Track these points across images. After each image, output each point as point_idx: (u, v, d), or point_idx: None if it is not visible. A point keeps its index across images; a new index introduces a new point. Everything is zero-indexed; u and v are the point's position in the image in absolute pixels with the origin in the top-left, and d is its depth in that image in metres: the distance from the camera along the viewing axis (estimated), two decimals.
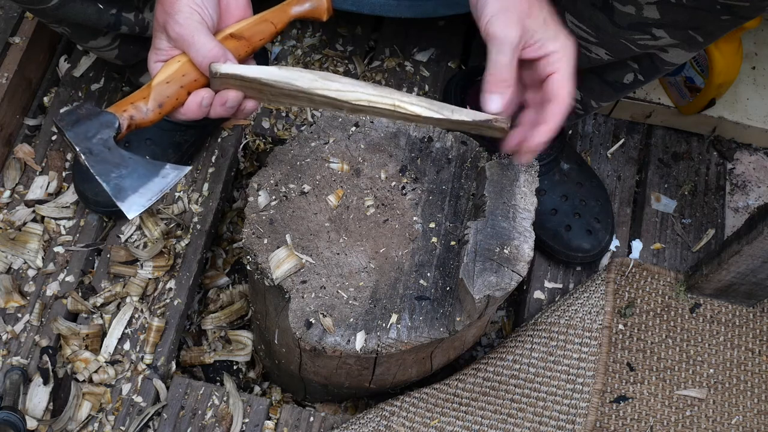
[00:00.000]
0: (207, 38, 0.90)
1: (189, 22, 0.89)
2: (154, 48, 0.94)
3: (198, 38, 0.90)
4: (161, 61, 0.94)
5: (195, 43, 0.90)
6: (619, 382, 1.39)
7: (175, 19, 0.89)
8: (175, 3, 0.89)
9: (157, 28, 0.92)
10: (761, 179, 1.70)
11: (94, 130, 0.90)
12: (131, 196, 0.93)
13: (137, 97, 0.93)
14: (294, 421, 1.36)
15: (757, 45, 1.73)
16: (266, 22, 0.98)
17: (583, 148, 1.67)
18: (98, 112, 0.91)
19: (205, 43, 0.90)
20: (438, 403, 1.30)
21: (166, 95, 0.93)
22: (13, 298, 1.41)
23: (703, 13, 1.00)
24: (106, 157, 0.92)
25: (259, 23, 0.97)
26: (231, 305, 1.55)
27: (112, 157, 0.92)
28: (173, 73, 0.93)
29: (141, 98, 0.92)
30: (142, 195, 0.93)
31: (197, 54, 0.90)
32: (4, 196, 1.50)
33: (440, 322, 1.04)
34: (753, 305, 1.48)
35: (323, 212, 1.10)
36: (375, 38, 1.81)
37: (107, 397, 1.36)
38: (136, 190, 0.94)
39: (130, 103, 0.92)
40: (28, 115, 1.61)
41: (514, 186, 1.06)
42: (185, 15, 0.89)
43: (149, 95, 0.92)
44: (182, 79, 0.93)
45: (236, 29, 0.96)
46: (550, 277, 1.54)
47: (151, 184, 0.95)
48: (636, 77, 1.21)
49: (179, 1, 0.89)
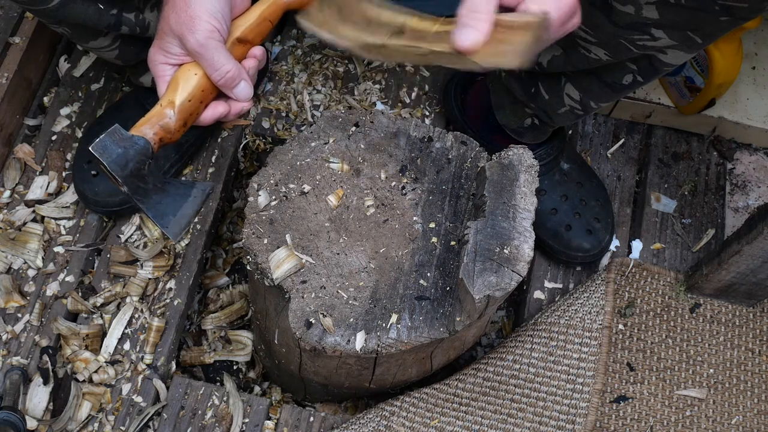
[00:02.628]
0: (226, 58, 0.92)
1: (209, 42, 0.91)
2: (162, 50, 0.94)
3: (217, 58, 0.91)
4: (170, 65, 0.95)
5: (214, 63, 0.92)
6: (619, 382, 1.39)
7: (195, 35, 0.90)
8: (195, 18, 0.90)
9: (167, 31, 0.92)
10: (761, 179, 1.70)
11: (132, 159, 0.92)
12: (172, 219, 0.98)
13: (161, 115, 0.94)
14: (294, 421, 1.36)
15: (757, 45, 1.73)
16: (265, 21, 0.99)
17: (583, 148, 1.67)
18: (131, 138, 0.92)
19: (225, 64, 0.92)
20: (438, 403, 1.30)
21: (189, 113, 0.95)
22: (13, 298, 1.41)
23: (702, 14, 1.00)
24: (146, 185, 0.95)
25: (260, 23, 0.99)
26: (231, 305, 1.55)
27: (150, 184, 0.96)
28: (193, 90, 0.94)
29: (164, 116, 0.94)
30: (182, 218, 0.98)
31: (215, 73, 0.92)
32: (4, 196, 1.50)
33: (440, 322, 1.04)
34: (753, 305, 1.48)
35: (323, 212, 1.10)
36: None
37: (107, 397, 1.36)
38: (175, 213, 0.98)
39: (158, 123, 0.94)
40: (28, 115, 1.61)
41: (514, 186, 1.06)
42: (205, 33, 0.90)
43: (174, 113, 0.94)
44: (201, 94, 0.95)
45: (241, 33, 0.97)
46: (550, 277, 1.54)
47: (186, 205, 0.99)
48: (635, 78, 1.21)
49: (199, 17, 0.90)
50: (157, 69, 0.96)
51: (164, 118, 0.94)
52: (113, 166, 0.91)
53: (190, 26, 0.90)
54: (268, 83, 1.71)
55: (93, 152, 0.91)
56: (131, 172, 0.93)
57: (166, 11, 0.92)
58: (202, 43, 0.90)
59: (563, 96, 1.29)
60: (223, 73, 0.93)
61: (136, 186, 0.94)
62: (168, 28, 0.92)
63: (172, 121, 0.94)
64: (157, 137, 0.94)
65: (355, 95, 1.70)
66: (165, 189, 0.98)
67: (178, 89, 0.94)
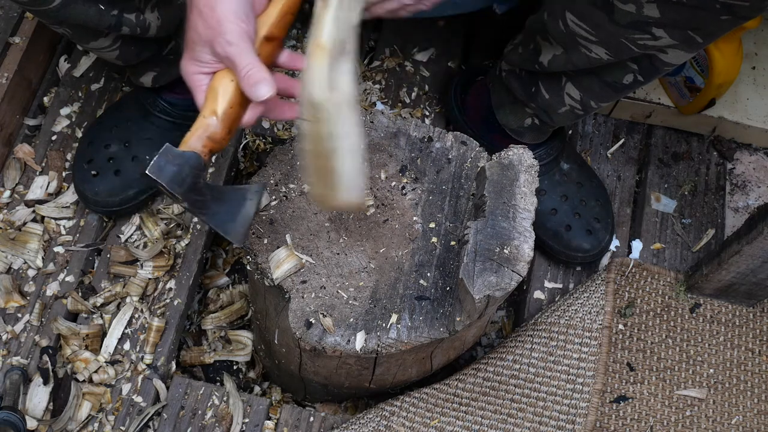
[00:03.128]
0: (255, 61, 0.91)
1: (240, 42, 0.90)
2: (193, 60, 0.93)
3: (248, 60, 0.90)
4: (204, 74, 0.94)
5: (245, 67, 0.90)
6: (619, 382, 1.39)
7: (225, 38, 0.89)
8: (222, 21, 0.89)
9: (196, 40, 0.92)
10: (761, 179, 1.70)
11: (187, 175, 0.92)
12: (232, 226, 0.98)
13: (206, 126, 0.94)
14: (294, 421, 1.36)
15: (757, 45, 1.73)
16: (287, 15, 0.98)
17: (583, 148, 1.67)
18: (183, 155, 0.92)
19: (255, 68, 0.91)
20: (438, 403, 1.30)
21: (232, 119, 0.95)
22: (13, 298, 1.41)
23: (703, 13, 1.00)
24: (204, 197, 0.95)
25: (283, 17, 0.97)
26: (231, 305, 1.55)
27: (207, 196, 0.96)
28: (232, 96, 0.94)
29: (209, 126, 0.94)
30: (241, 223, 0.98)
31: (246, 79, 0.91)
32: (4, 196, 1.50)
33: (440, 322, 1.04)
34: (753, 305, 1.48)
35: (323, 212, 1.10)
36: (375, 38, 1.81)
37: (107, 397, 1.36)
38: (234, 219, 0.98)
39: (205, 135, 0.94)
40: (28, 115, 1.61)
41: (514, 186, 1.06)
42: (235, 34, 0.90)
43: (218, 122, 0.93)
44: (242, 98, 0.94)
45: (267, 31, 0.96)
46: (550, 277, 1.54)
47: (243, 210, 0.99)
48: (635, 78, 1.21)
49: (226, 18, 0.89)
50: (192, 80, 0.95)
51: (210, 128, 0.94)
52: (172, 186, 0.91)
53: (220, 30, 0.89)
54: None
55: (150, 175, 0.90)
56: (189, 188, 0.93)
57: (192, 20, 0.91)
58: (232, 43, 0.90)
59: (564, 95, 1.29)
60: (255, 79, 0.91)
61: (195, 200, 0.94)
62: (197, 36, 0.92)
63: (218, 131, 0.94)
64: (206, 149, 0.94)
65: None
66: (221, 198, 0.99)
67: (218, 98, 0.94)
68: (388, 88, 1.71)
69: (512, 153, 1.09)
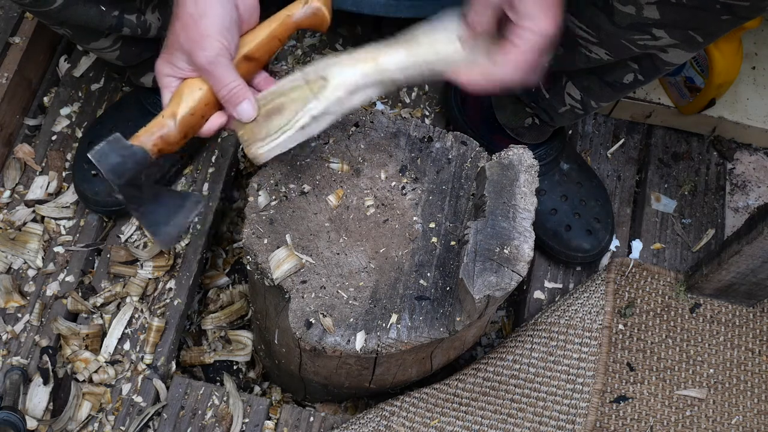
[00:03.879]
0: (233, 75, 0.93)
1: (218, 59, 0.92)
2: (169, 63, 0.95)
3: (225, 75, 0.93)
4: (176, 77, 0.96)
5: (221, 80, 0.93)
6: (619, 382, 1.39)
7: (204, 53, 0.91)
8: (204, 37, 0.91)
9: (176, 47, 0.93)
10: (761, 179, 1.70)
11: (129, 168, 0.93)
12: (163, 228, 0.99)
13: (162, 126, 0.95)
14: (294, 421, 1.36)
15: (757, 45, 1.73)
16: (274, 40, 0.99)
17: (583, 148, 1.67)
18: (130, 148, 0.94)
19: (231, 81, 0.93)
20: (438, 403, 1.30)
21: (190, 126, 0.96)
22: (13, 298, 1.41)
23: (703, 13, 1.00)
24: (142, 193, 0.97)
25: (269, 41, 0.98)
26: (231, 305, 1.55)
27: (145, 193, 0.97)
28: (197, 104, 0.95)
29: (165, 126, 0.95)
30: (173, 227, 1.00)
31: (221, 89, 0.94)
32: (4, 196, 1.50)
33: (440, 322, 1.04)
34: (753, 305, 1.48)
35: (323, 212, 1.10)
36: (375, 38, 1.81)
37: (107, 397, 1.36)
38: (167, 222, 1.00)
39: (158, 134, 0.95)
40: (28, 115, 1.61)
41: (514, 186, 1.06)
42: (214, 50, 0.92)
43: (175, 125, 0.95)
44: (204, 109, 0.96)
45: (248, 51, 0.97)
46: (550, 277, 1.54)
47: (178, 216, 1.01)
48: (636, 77, 1.21)
49: (209, 35, 0.91)
50: (163, 80, 0.97)
51: (165, 129, 0.95)
52: (110, 175, 0.93)
53: (200, 44, 0.91)
54: None
55: (91, 158, 0.92)
56: (127, 181, 0.94)
57: (175, 28, 0.93)
58: (210, 60, 0.92)
59: (564, 95, 1.29)
60: (228, 90, 0.94)
61: (131, 194, 0.96)
62: (177, 44, 0.93)
63: (173, 133, 0.95)
64: (156, 148, 0.95)
65: None
66: (159, 198, 1.00)
67: (181, 102, 0.95)
68: None
69: (512, 153, 1.09)
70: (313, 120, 0.96)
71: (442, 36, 0.97)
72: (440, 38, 0.97)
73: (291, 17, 0.98)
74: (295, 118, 0.96)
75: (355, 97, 0.96)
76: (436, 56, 0.97)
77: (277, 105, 0.97)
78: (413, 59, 0.96)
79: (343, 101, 0.96)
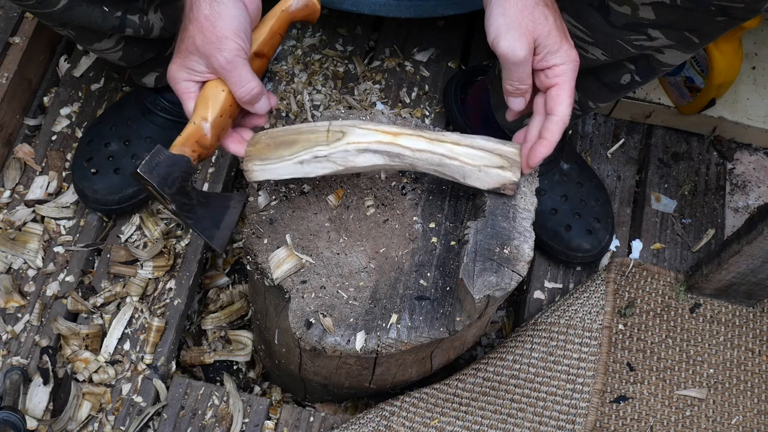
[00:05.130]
0: (251, 75, 0.96)
1: (236, 59, 0.94)
2: (185, 68, 0.97)
3: (244, 75, 0.95)
4: (195, 82, 0.98)
5: (241, 80, 0.95)
6: (619, 382, 1.39)
7: (223, 54, 0.93)
8: (222, 39, 0.92)
9: (192, 50, 0.95)
10: (761, 179, 1.70)
11: (176, 176, 0.96)
12: (216, 232, 1.02)
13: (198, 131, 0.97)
14: (294, 421, 1.36)
15: (757, 45, 1.73)
16: (275, 34, 1.02)
17: (583, 148, 1.67)
18: (173, 157, 0.96)
19: (250, 81, 0.96)
20: (438, 403, 1.30)
21: (221, 128, 0.99)
22: (13, 298, 1.41)
23: (699, 15, 1.00)
24: (191, 201, 0.99)
25: (271, 37, 1.02)
26: (231, 305, 1.55)
27: (194, 200, 0.99)
28: (223, 106, 0.98)
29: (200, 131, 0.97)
30: (224, 229, 1.02)
31: (241, 89, 0.96)
32: (4, 196, 1.50)
33: (440, 322, 1.04)
34: (753, 305, 1.48)
35: (323, 212, 1.10)
36: (375, 38, 1.81)
37: (107, 397, 1.36)
38: (218, 225, 1.02)
39: (195, 140, 0.97)
40: (28, 115, 1.61)
41: None
42: (232, 51, 0.93)
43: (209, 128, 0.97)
44: (230, 109, 0.99)
45: (257, 47, 1.00)
46: (550, 277, 1.54)
47: (227, 217, 1.03)
48: (633, 78, 1.21)
49: (226, 37, 0.92)
50: (180, 86, 0.98)
51: (201, 134, 0.97)
52: (162, 186, 0.94)
53: (218, 46, 0.93)
54: (269, 83, 1.71)
55: (141, 174, 0.93)
56: (177, 190, 0.96)
57: (190, 31, 0.94)
58: (228, 59, 0.93)
59: None
60: (248, 90, 0.96)
61: (182, 203, 0.97)
62: (193, 47, 0.94)
63: (208, 137, 0.98)
64: (195, 154, 0.98)
65: (355, 95, 1.70)
66: (207, 203, 1.02)
67: (209, 106, 0.97)
68: (388, 88, 1.71)
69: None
70: (313, 159, 0.98)
71: (488, 141, 1.03)
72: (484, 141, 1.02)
73: (286, 11, 1.02)
74: (298, 153, 0.98)
75: (360, 158, 0.98)
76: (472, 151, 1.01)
77: (291, 139, 1.00)
78: (430, 148, 0.99)
79: (348, 156, 0.98)
